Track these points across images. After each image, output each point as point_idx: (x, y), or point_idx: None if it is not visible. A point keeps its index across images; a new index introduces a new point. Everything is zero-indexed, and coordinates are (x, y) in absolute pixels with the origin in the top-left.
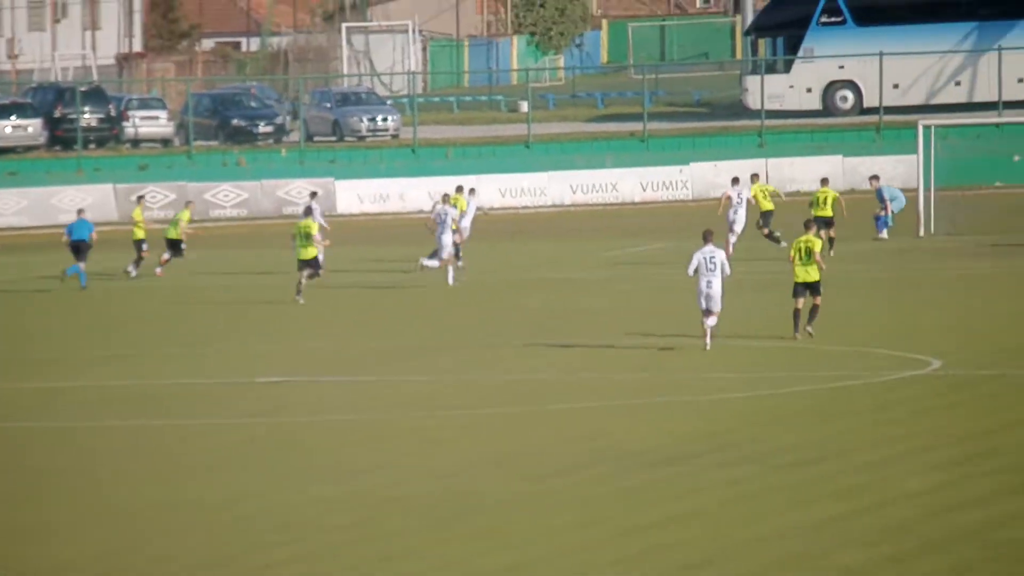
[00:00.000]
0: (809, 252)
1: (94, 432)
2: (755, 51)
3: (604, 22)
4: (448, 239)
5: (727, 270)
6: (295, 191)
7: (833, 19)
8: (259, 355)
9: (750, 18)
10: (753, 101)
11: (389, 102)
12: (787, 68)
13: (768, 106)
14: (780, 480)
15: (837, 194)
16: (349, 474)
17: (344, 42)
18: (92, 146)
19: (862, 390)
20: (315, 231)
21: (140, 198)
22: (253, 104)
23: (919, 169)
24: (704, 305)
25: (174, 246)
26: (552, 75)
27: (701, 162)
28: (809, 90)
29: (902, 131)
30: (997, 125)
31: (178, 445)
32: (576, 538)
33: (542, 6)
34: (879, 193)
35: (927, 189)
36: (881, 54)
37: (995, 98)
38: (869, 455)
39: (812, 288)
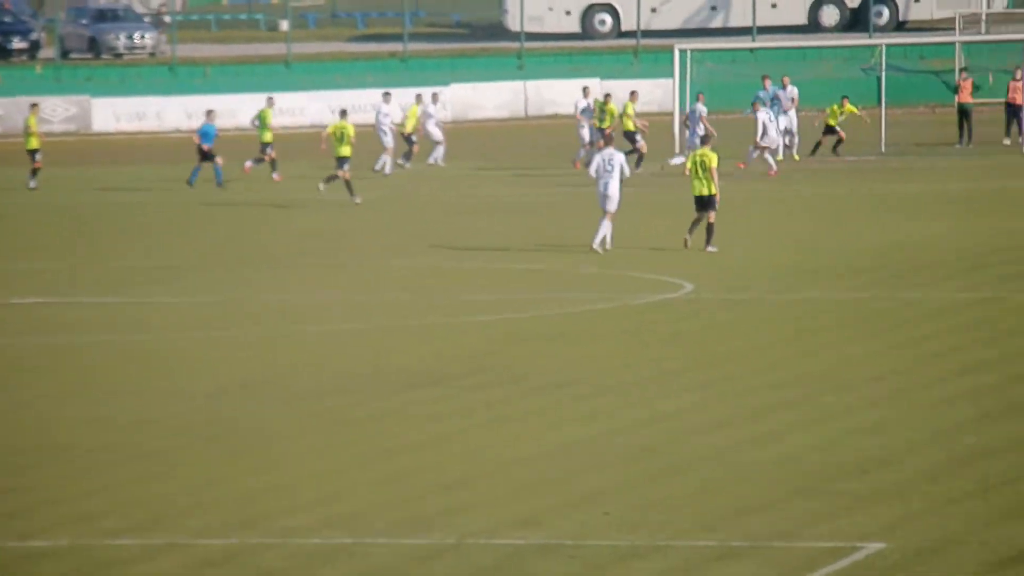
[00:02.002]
0: (704, 166)
1: None
2: None
3: None
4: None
5: (626, 171)
6: (50, 109)
7: None
8: (13, 275)
9: None
10: (513, 22)
11: (147, 19)
12: None
13: (528, 28)
14: (533, 402)
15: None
16: (102, 396)
17: None
18: None
19: (616, 313)
20: (351, 132)
21: (270, 99)
22: (6, 19)
23: (675, 93)
24: (602, 206)
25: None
26: None
27: (461, 83)
28: (568, 12)
29: (659, 55)
30: (751, 50)
31: None
32: (335, 459)
33: None
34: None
35: (683, 113)
36: None
37: (749, 23)
38: (620, 377)
39: (706, 203)
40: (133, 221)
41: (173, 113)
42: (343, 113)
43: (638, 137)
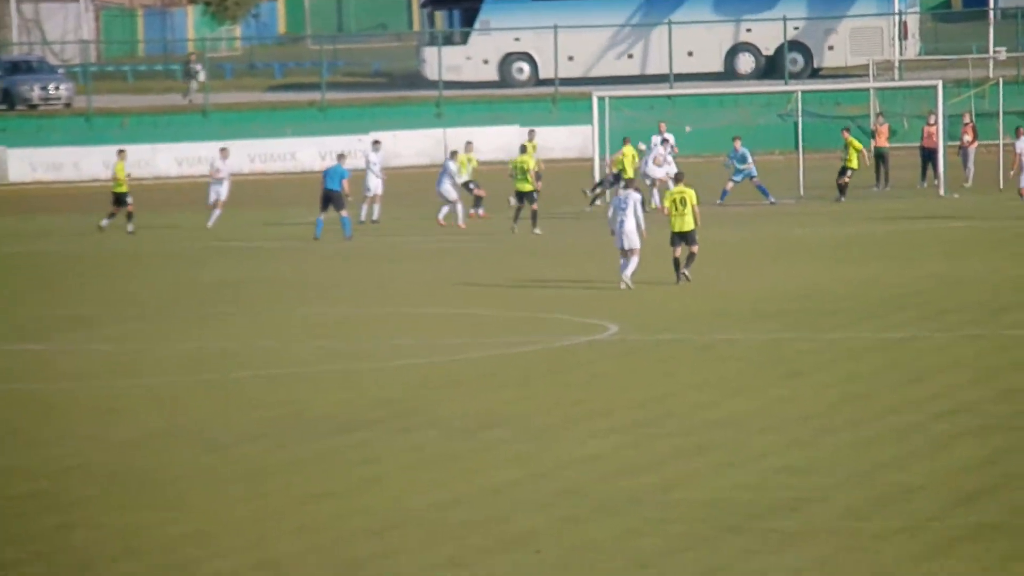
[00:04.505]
0: (684, 202)
1: None
2: (432, 23)
3: None
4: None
5: (639, 211)
6: None
7: None
8: None
9: None
10: (431, 72)
11: (61, 71)
12: (464, 40)
13: (446, 77)
14: (458, 446)
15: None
16: (25, 445)
17: (14, 10)
18: None
19: (540, 355)
20: (531, 167)
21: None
22: None
23: (594, 140)
24: (619, 244)
25: None
26: (229, 45)
27: (380, 131)
28: (486, 61)
29: (577, 102)
30: (669, 97)
31: None
32: (256, 507)
33: None
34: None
35: (602, 159)
36: (556, 27)
37: (666, 71)
38: (546, 419)
39: (687, 237)
40: (49, 270)
41: (90, 163)
42: (523, 149)
43: (472, 186)
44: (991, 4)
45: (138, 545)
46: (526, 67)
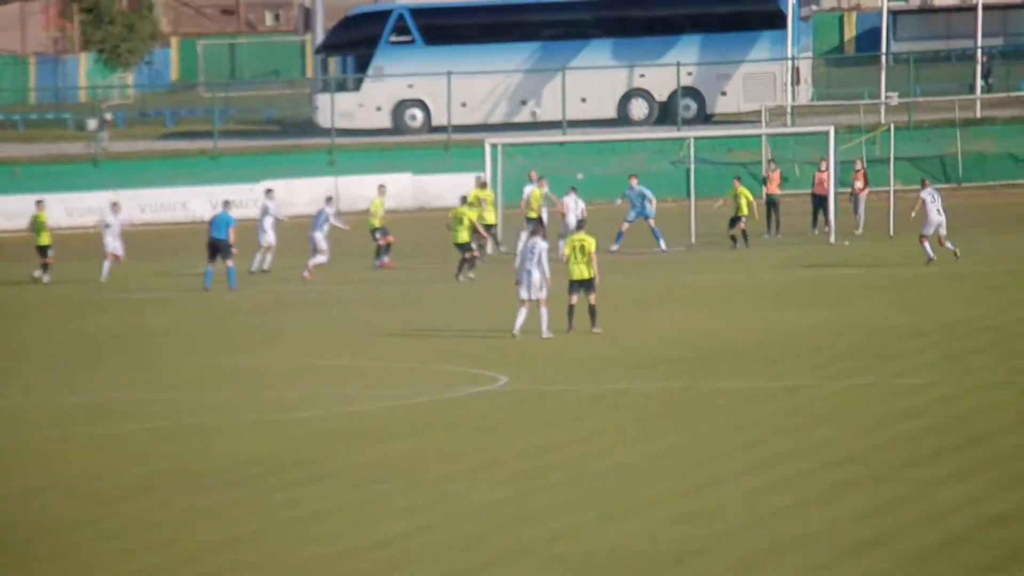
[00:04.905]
0: (583, 250)
1: None
2: (325, 70)
3: (174, 40)
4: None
5: (544, 261)
6: None
7: (402, 38)
8: None
9: (321, 37)
10: (324, 119)
11: None
12: (357, 86)
13: (339, 124)
14: (347, 499)
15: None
16: None
17: None
18: None
19: (430, 407)
20: (469, 216)
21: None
22: None
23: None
24: (523, 295)
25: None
26: (122, 93)
27: (272, 180)
28: (379, 108)
29: (470, 149)
30: (561, 144)
31: None
32: (143, 562)
33: (110, 23)
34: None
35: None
36: (449, 73)
37: (559, 117)
38: (436, 471)
39: (586, 286)
40: None
41: None
42: (463, 200)
43: (378, 235)
44: (883, 49)
45: None
46: (419, 114)
